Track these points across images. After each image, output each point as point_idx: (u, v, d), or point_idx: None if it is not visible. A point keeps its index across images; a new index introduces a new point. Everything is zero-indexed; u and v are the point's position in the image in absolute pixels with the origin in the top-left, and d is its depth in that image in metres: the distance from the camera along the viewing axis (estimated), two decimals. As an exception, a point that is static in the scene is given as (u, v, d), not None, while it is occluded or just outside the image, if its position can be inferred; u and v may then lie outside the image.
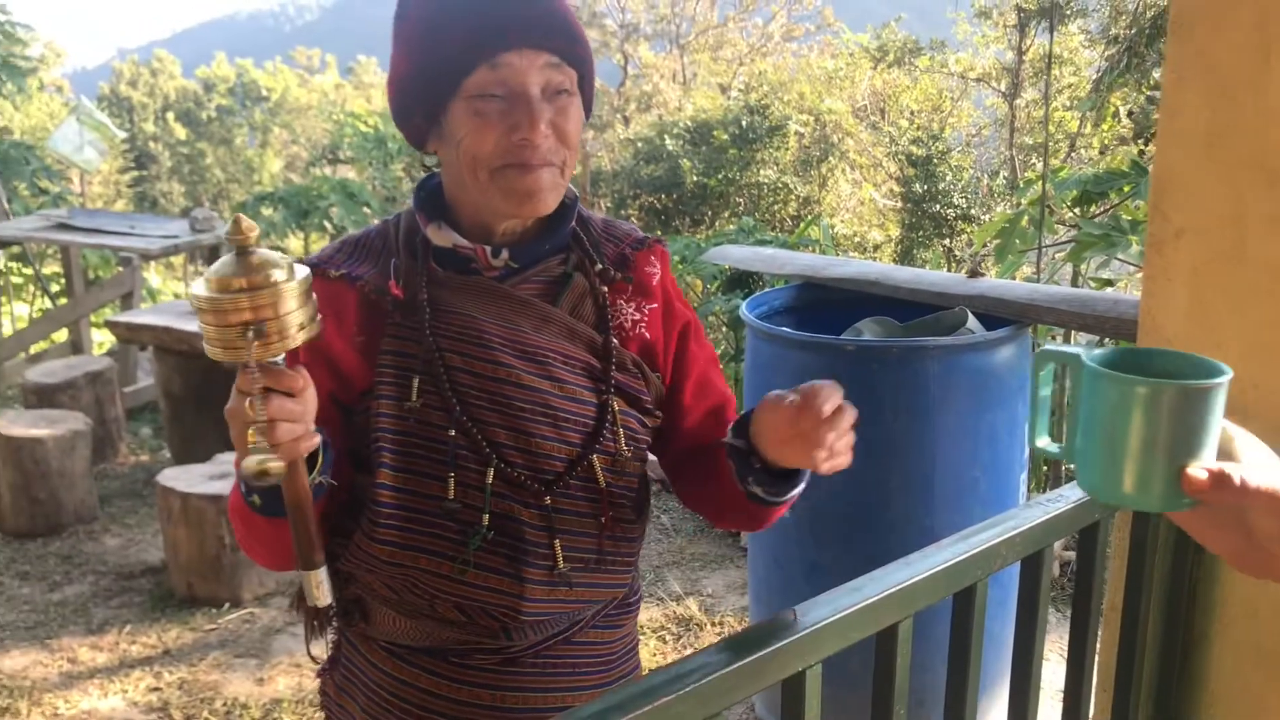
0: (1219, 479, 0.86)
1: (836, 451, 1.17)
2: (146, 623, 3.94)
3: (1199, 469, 0.86)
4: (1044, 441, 1.03)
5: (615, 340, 1.32)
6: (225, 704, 3.39)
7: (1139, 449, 0.88)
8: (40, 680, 3.54)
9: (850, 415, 1.17)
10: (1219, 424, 0.88)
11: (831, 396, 1.15)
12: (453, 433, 1.23)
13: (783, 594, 2.86)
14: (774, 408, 1.18)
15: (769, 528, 1.40)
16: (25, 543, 4.65)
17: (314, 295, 1.07)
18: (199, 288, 1.01)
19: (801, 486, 1.29)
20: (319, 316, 1.08)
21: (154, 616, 3.99)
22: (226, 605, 4.02)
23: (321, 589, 1.13)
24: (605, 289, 1.33)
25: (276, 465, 1.03)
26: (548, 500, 1.26)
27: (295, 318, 1.02)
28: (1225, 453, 0.90)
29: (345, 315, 1.26)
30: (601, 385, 1.30)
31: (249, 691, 3.47)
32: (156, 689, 3.49)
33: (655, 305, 1.36)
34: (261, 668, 3.61)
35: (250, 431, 1.02)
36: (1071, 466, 4.98)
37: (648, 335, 1.35)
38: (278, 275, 1.00)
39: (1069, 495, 1.56)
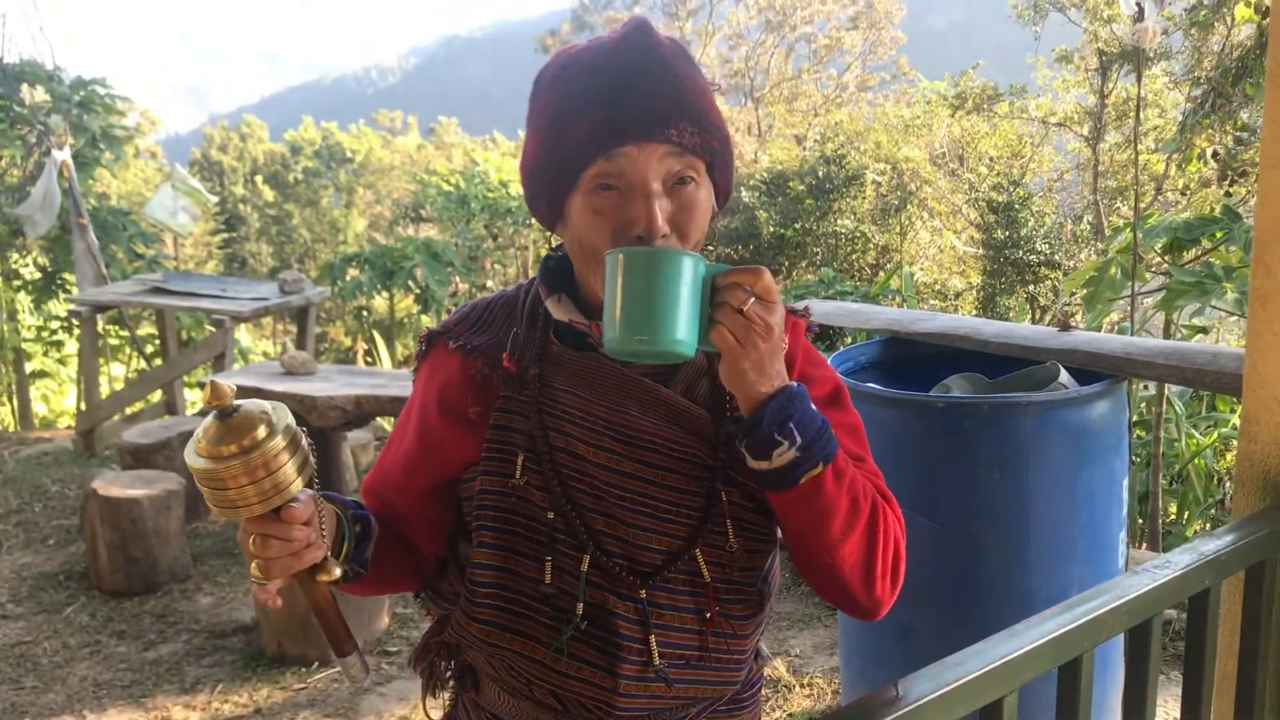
0: None
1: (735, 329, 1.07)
2: (238, 682, 3.99)
3: None
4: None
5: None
6: (315, 764, 3.41)
7: (637, 302, 1.06)
8: (136, 739, 3.59)
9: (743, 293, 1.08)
10: (690, 287, 1.06)
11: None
12: (551, 515, 1.20)
13: (875, 659, 2.80)
14: None
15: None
16: (122, 601, 4.75)
17: (303, 440, 1.11)
18: (191, 457, 1.07)
19: (791, 451, 1.11)
20: (312, 459, 1.12)
21: (245, 675, 4.04)
22: (315, 664, 4.05)
23: (358, 670, 1.23)
24: None
25: (273, 591, 1.14)
26: (643, 594, 1.20)
27: (288, 470, 1.08)
28: None
29: (456, 388, 1.26)
30: (710, 474, 1.22)
31: (338, 752, 3.48)
32: (248, 749, 3.52)
33: None
34: (350, 728, 3.63)
35: (253, 566, 1.11)
36: (1171, 522, 4.84)
37: None
38: (261, 433, 1.05)
39: (1176, 561, 1.51)
